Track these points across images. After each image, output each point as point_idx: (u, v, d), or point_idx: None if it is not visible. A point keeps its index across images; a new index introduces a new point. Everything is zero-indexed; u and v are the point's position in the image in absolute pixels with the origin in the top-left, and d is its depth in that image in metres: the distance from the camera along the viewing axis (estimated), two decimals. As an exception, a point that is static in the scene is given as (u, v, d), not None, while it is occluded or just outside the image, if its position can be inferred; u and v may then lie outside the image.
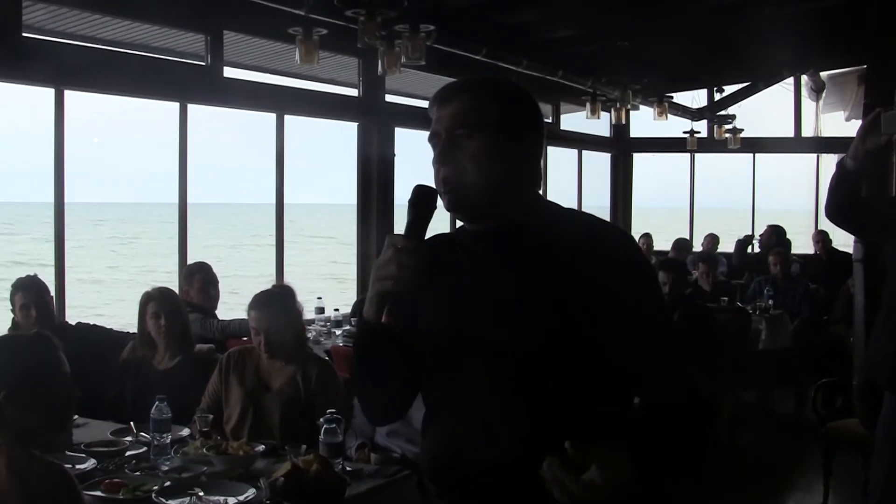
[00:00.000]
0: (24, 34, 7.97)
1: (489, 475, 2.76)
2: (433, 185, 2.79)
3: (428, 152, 2.87)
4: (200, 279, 8.56)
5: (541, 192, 2.96)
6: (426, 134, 2.86)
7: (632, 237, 3.09)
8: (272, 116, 10.70)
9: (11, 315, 7.08)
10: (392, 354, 2.88)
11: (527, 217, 2.84)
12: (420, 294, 2.79)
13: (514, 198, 2.83)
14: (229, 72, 9.98)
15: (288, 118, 10.79)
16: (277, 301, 5.91)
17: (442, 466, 2.93)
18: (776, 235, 14.56)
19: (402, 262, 2.66)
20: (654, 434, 2.75)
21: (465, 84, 2.90)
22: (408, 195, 2.80)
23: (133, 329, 6.70)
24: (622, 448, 2.58)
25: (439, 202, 2.80)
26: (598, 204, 19.20)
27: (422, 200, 2.76)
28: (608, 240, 2.83)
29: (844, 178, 5.07)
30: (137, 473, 4.67)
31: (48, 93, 8.42)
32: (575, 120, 16.71)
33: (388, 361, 2.91)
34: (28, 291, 6.97)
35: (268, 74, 10.83)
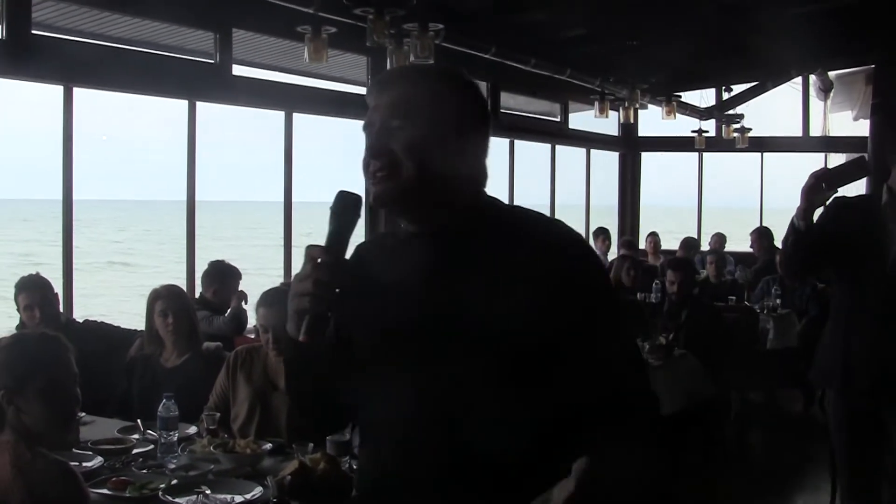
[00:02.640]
0: (34, 31, 7.98)
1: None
2: (357, 192, 2.55)
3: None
4: (227, 283, 8.63)
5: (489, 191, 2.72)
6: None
7: (583, 239, 2.74)
8: (281, 114, 10.72)
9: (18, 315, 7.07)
10: (321, 373, 2.71)
11: (465, 219, 2.60)
12: (349, 305, 2.61)
13: (451, 198, 2.60)
14: (238, 69, 9.99)
15: (296, 116, 10.80)
16: (286, 299, 5.87)
17: (371, 493, 2.76)
18: (766, 238, 14.39)
19: (319, 280, 2.47)
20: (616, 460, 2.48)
21: (407, 71, 2.77)
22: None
23: (141, 327, 6.70)
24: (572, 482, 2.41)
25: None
26: (606, 203, 19.21)
27: (344, 208, 2.54)
28: (560, 246, 2.57)
29: (799, 237, 5.25)
30: (144, 471, 4.66)
31: (57, 90, 8.43)
32: (583, 119, 16.73)
33: (318, 380, 2.74)
34: (31, 291, 6.90)
35: (277, 72, 10.83)
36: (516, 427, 2.46)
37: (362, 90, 11.41)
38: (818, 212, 5.29)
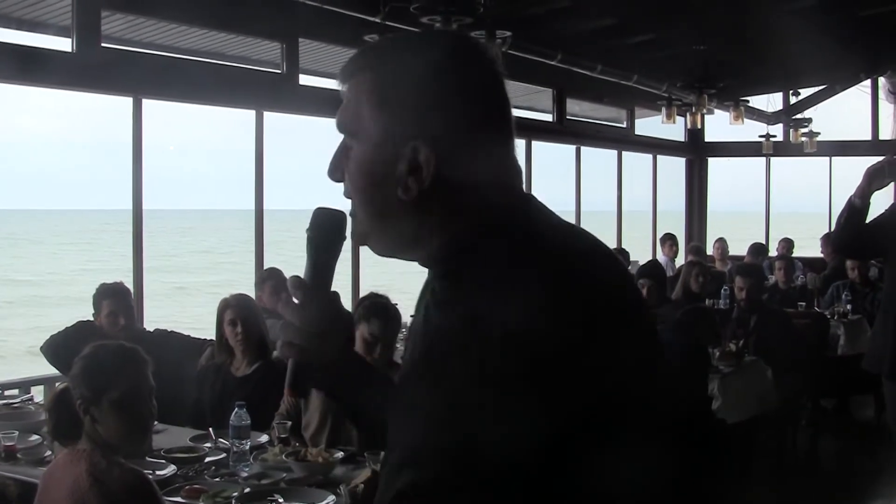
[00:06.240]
0: (104, 44, 8.08)
1: None
2: (339, 209, 1.91)
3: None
4: (271, 285, 8.62)
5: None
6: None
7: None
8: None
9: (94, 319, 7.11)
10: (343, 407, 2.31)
11: (445, 258, 1.79)
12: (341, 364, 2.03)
13: (427, 232, 1.78)
14: (305, 79, 10.05)
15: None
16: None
17: None
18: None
19: (292, 324, 1.89)
20: None
21: (363, 57, 1.84)
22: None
23: (211, 336, 6.73)
24: None
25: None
26: (673, 208, 19.12)
27: (322, 231, 1.92)
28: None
29: (854, 214, 5.72)
30: (217, 480, 4.70)
31: (126, 101, 8.51)
32: (650, 125, 16.66)
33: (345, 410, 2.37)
34: (116, 298, 6.99)
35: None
36: None
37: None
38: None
